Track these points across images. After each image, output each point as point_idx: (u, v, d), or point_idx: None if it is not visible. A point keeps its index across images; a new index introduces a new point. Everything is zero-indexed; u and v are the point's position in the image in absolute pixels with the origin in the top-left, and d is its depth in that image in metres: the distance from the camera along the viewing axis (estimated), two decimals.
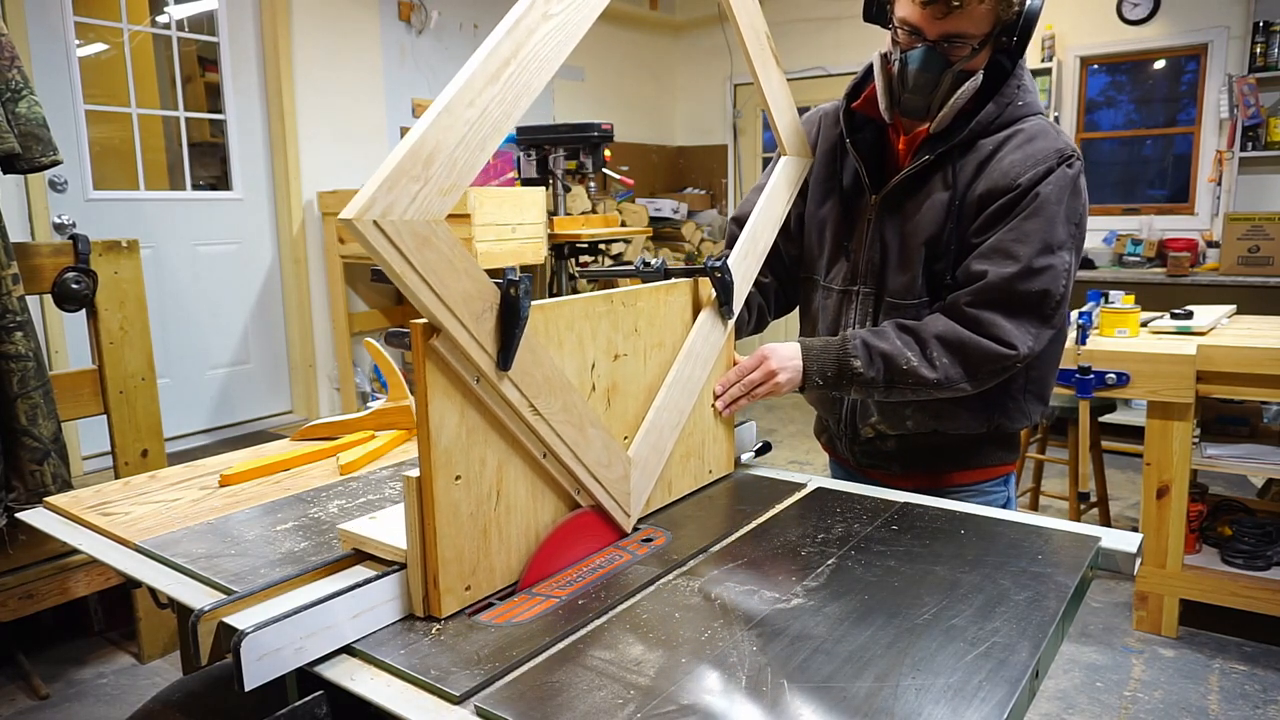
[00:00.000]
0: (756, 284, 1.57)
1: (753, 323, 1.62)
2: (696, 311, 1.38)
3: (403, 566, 1.00)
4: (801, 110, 1.58)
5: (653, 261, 1.39)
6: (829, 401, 1.57)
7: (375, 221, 0.84)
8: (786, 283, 1.67)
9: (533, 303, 1.03)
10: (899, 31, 1.35)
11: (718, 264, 1.35)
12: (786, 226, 1.59)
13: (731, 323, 1.42)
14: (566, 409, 1.09)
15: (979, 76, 1.35)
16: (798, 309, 1.69)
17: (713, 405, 1.42)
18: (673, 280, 1.34)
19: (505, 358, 0.99)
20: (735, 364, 1.44)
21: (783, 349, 1.39)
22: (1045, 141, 1.35)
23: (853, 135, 1.49)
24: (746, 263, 1.45)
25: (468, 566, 1.01)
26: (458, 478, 0.98)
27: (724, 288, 1.37)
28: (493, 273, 0.98)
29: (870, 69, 1.47)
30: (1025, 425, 1.49)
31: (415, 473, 0.96)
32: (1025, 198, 1.32)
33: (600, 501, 1.17)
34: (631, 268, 1.40)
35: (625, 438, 1.24)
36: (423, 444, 0.95)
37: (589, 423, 1.13)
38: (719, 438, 1.46)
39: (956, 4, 1.25)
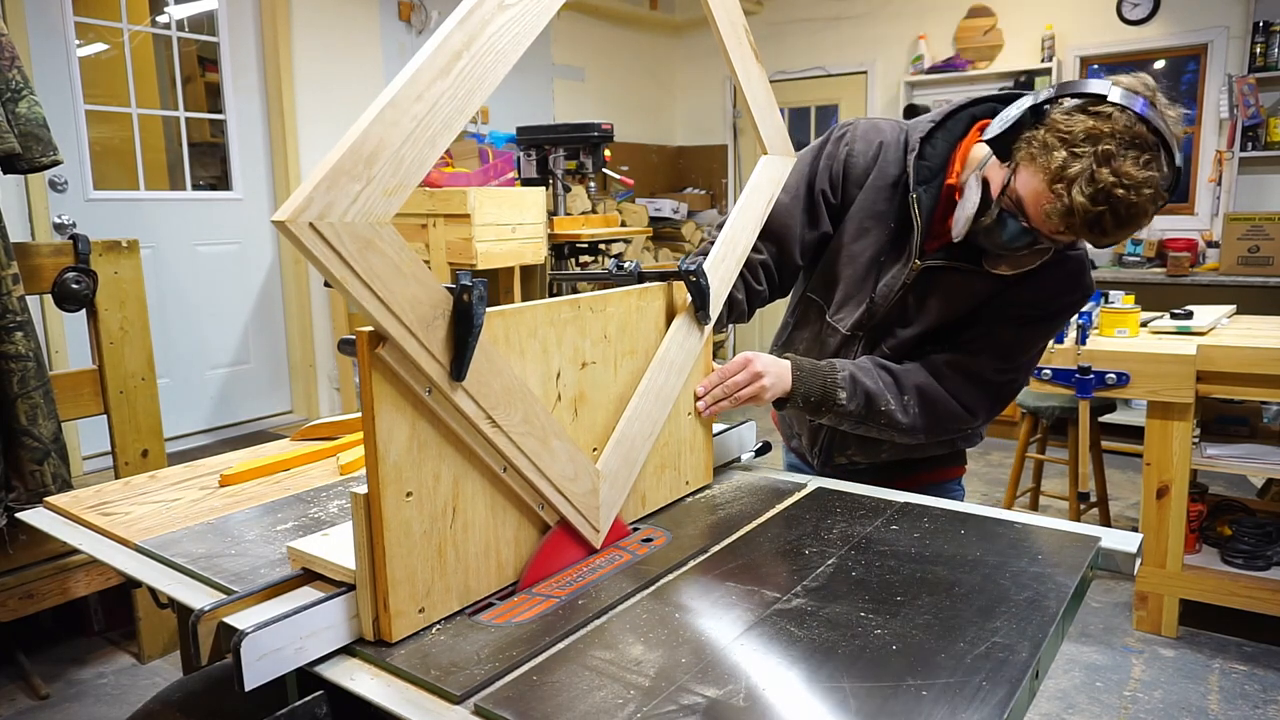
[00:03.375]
0: (748, 289, 1.51)
1: (730, 317, 1.55)
2: (671, 317, 1.32)
3: (352, 588, 0.95)
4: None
5: (626, 264, 1.32)
6: (805, 424, 1.60)
7: (312, 224, 0.78)
8: (776, 292, 1.59)
9: (493, 309, 0.99)
10: (1005, 196, 1.25)
11: (692, 268, 1.28)
12: (802, 238, 1.52)
13: (709, 329, 1.36)
14: (528, 420, 1.04)
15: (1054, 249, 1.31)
16: (793, 320, 1.64)
17: (689, 413, 1.36)
18: (645, 285, 1.28)
19: (459, 368, 0.93)
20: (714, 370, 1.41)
21: (769, 358, 1.37)
22: (1085, 278, 1.42)
23: (920, 187, 1.40)
24: (725, 265, 1.38)
25: (421, 588, 0.96)
26: (409, 494, 0.93)
27: (699, 292, 1.30)
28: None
29: (947, 117, 1.41)
30: (976, 444, 1.63)
31: (364, 489, 0.91)
32: (1051, 321, 1.44)
33: (566, 517, 1.12)
34: (604, 271, 1.34)
35: (594, 450, 1.18)
36: (370, 459, 0.90)
37: (553, 435, 1.08)
38: (696, 448, 1.40)
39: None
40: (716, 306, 1.35)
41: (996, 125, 1.25)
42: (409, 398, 0.92)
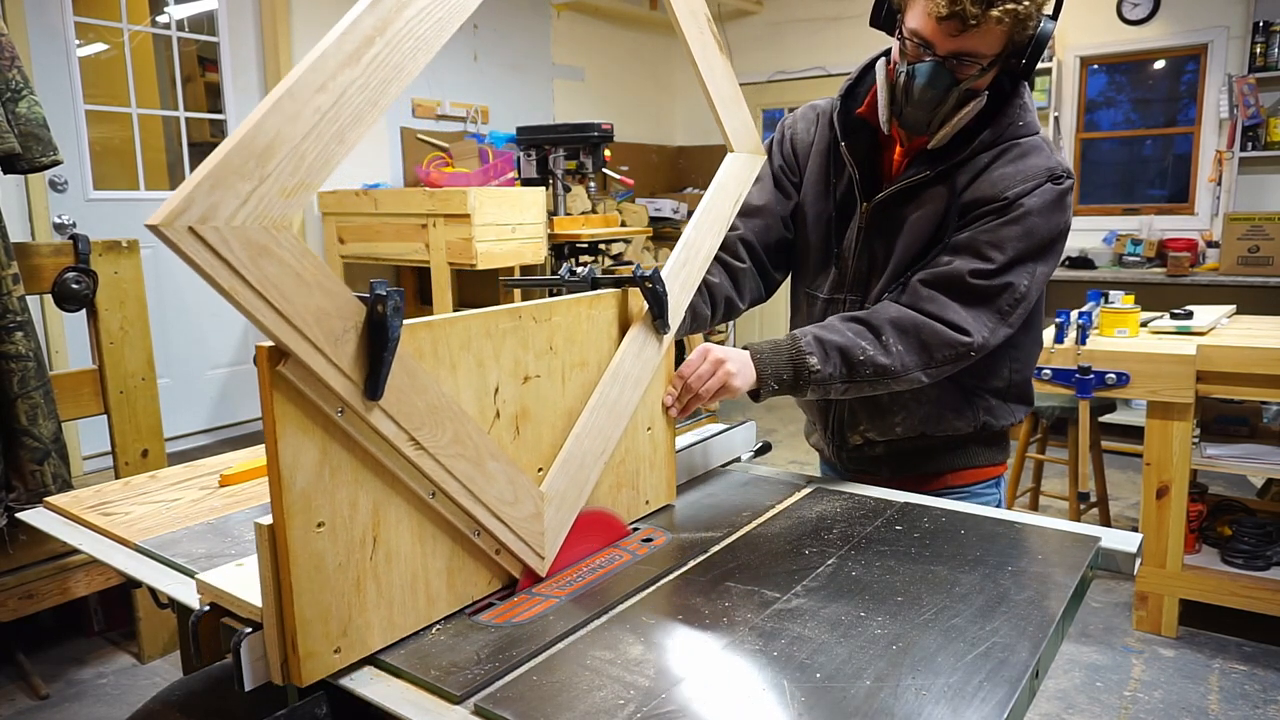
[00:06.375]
0: (729, 270, 1.52)
1: (719, 315, 1.52)
2: (626, 326, 1.24)
3: (259, 626, 0.89)
4: (784, 111, 1.55)
5: (580, 270, 1.27)
6: (815, 408, 1.56)
7: (192, 228, 0.70)
8: (766, 269, 1.59)
9: (417, 320, 0.93)
10: (908, 43, 1.32)
11: (648, 274, 1.22)
12: (781, 214, 1.56)
13: (668, 338, 1.29)
14: (458, 441, 0.96)
15: (984, 97, 1.34)
16: (789, 311, 1.65)
17: (649, 429, 1.30)
18: (596, 292, 1.22)
19: (374, 385, 0.86)
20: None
21: (727, 348, 1.31)
22: (1038, 159, 1.35)
23: (848, 139, 1.46)
24: (686, 271, 1.31)
25: (336, 626, 0.88)
26: (320, 525, 0.85)
27: (656, 299, 1.23)
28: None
29: (864, 71, 1.47)
30: (1011, 424, 1.49)
31: (267, 519, 0.84)
32: (1009, 208, 1.32)
33: (506, 544, 1.04)
34: (555, 277, 1.28)
35: (540, 470, 1.11)
36: (274, 487, 0.82)
37: (488, 455, 1.00)
38: (657, 465, 1.33)
39: (973, 22, 1.22)
40: (676, 315, 1.29)
41: (871, 15, 1.41)
42: (318, 419, 0.84)
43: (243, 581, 0.96)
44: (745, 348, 1.33)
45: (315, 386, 0.83)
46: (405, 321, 0.88)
